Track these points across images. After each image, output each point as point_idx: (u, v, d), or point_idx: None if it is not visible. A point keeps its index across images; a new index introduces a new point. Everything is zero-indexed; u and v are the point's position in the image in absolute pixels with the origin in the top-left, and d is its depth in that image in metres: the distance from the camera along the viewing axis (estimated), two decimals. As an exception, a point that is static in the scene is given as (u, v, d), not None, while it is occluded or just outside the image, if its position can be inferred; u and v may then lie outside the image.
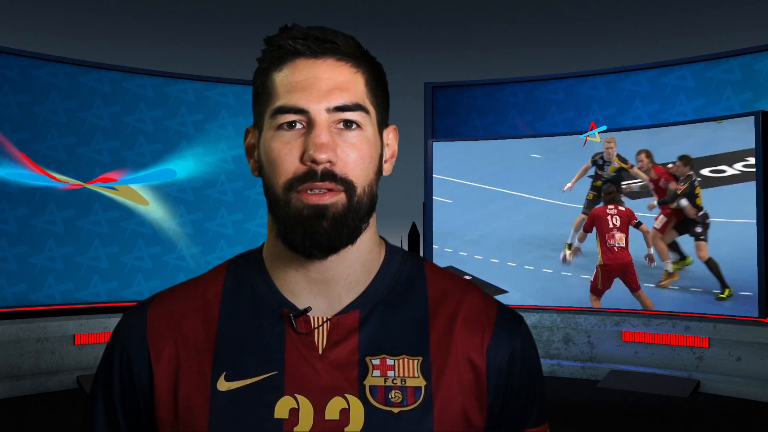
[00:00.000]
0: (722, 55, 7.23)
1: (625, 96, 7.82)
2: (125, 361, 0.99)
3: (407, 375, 0.95)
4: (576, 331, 7.46)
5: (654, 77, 7.65)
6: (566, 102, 8.20)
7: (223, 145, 7.94)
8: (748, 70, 7.04)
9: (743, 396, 6.26)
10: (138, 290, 7.40)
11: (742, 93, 7.09)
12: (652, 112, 7.62)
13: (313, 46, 0.94)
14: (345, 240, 0.94)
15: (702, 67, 7.31)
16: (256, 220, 8.10)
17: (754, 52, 6.99)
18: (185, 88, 7.79)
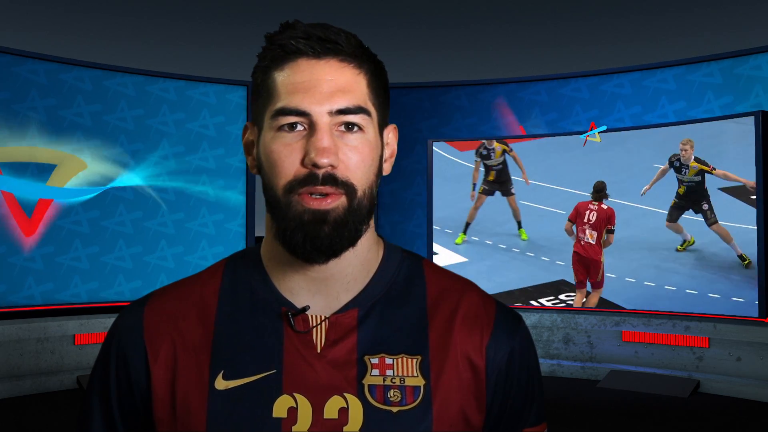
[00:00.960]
0: (703, 59, 7.36)
1: (607, 98, 7.93)
2: (122, 360, 0.99)
3: (406, 374, 0.95)
4: (576, 331, 7.46)
5: (636, 80, 7.76)
6: (549, 103, 8.29)
7: (204, 145, 7.87)
8: (728, 73, 7.18)
9: (743, 396, 6.26)
10: (119, 290, 7.33)
11: (722, 96, 7.23)
12: (634, 114, 7.73)
13: (315, 46, 0.93)
14: (346, 243, 0.94)
15: (683, 71, 7.46)
16: (237, 220, 8.03)
17: (735, 57, 7.14)
18: (167, 86, 7.71)
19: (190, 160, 7.78)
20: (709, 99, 7.27)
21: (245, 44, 12.43)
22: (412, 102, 8.78)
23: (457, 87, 8.81)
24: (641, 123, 7.59)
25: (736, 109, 7.01)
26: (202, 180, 7.87)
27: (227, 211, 8.00)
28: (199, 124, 7.88)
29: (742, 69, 7.06)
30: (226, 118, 8.04)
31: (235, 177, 8.09)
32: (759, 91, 6.95)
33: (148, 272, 7.52)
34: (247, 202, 8.11)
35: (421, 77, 9.87)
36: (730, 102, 7.12)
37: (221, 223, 7.97)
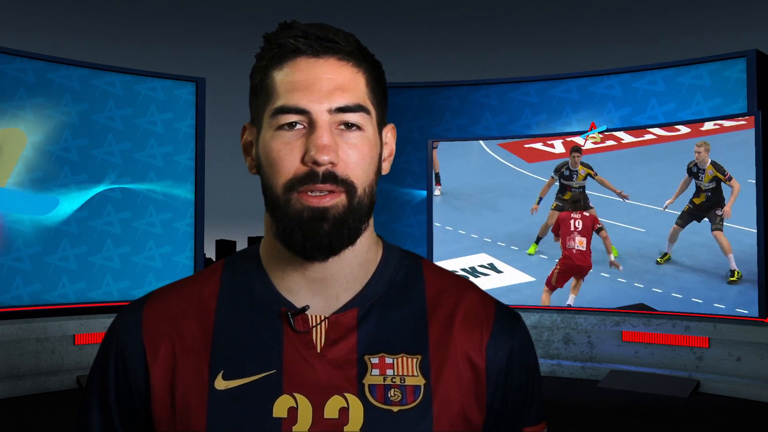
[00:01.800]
0: (692, 62, 7.54)
1: (597, 99, 8.04)
2: (120, 359, 0.99)
3: (406, 373, 0.95)
4: (576, 331, 7.46)
5: (626, 81, 7.89)
6: (540, 105, 8.35)
7: (152, 142, 7.66)
8: (718, 76, 7.36)
9: (743, 396, 6.26)
10: (63, 293, 7.06)
11: (711, 98, 7.41)
12: (624, 115, 7.86)
13: (314, 45, 0.93)
14: (345, 241, 0.94)
15: (673, 73, 7.63)
16: (185, 219, 7.85)
17: (724, 59, 7.31)
18: (113, 81, 7.49)
19: (137, 158, 7.57)
20: (698, 101, 7.45)
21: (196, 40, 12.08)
22: (401, 101, 8.78)
23: (447, 87, 8.86)
24: (630, 124, 7.69)
25: (725, 111, 7.17)
26: (149, 178, 7.65)
27: (175, 211, 7.79)
28: (147, 121, 7.66)
29: (730, 72, 7.26)
30: (174, 115, 7.81)
31: (184, 175, 7.87)
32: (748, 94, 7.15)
33: (93, 273, 7.26)
34: (196, 201, 7.90)
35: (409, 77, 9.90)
36: (718, 104, 7.30)
37: (169, 223, 7.76)
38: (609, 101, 7.93)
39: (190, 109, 7.95)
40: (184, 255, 7.89)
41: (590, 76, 8.12)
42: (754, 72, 7.09)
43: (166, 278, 7.62)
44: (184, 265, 7.87)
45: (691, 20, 10.27)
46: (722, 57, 7.33)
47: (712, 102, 7.38)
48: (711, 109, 7.35)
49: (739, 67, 7.21)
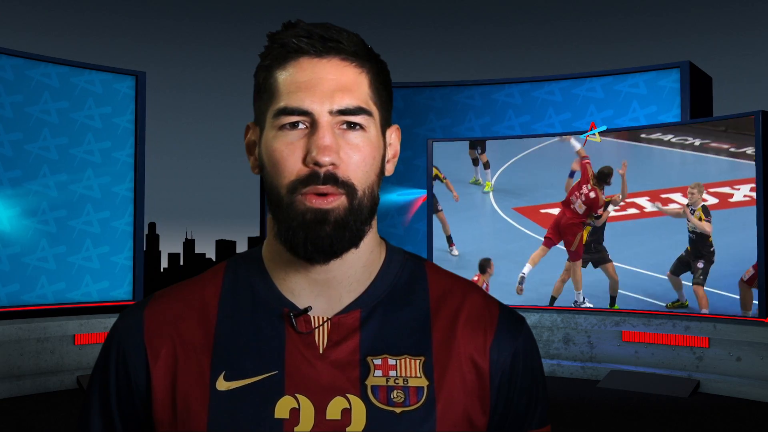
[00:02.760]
0: (629, 71, 8.01)
1: (539, 104, 8.35)
2: (122, 361, 0.99)
3: (409, 375, 0.94)
4: (576, 331, 7.46)
5: (566, 88, 8.26)
6: (483, 108, 8.61)
7: (90, 137, 7.38)
8: (653, 85, 7.82)
9: (743, 396, 6.26)
10: None
11: (647, 106, 7.88)
12: (564, 120, 8.24)
13: (317, 45, 0.93)
14: (347, 244, 0.94)
15: (611, 81, 8.08)
16: (124, 218, 7.59)
17: (659, 69, 7.82)
18: (48, 72, 7.19)
19: (74, 153, 7.28)
20: (635, 108, 7.90)
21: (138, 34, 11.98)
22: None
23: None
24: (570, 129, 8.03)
25: (660, 118, 7.65)
26: (86, 175, 7.34)
27: (114, 209, 7.52)
28: (84, 115, 7.36)
29: (665, 81, 7.75)
30: (113, 109, 7.55)
31: (123, 172, 7.58)
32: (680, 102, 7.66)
33: (27, 275, 6.99)
34: (135, 198, 7.63)
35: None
36: (654, 111, 7.77)
37: (107, 222, 7.49)
38: (550, 106, 8.30)
39: (130, 104, 7.66)
40: (123, 255, 7.59)
41: (532, 81, 8.47)
42: (687, 82, 7.62)
43: (103, 279, 7.37)
44: (122, 266, 7.56)
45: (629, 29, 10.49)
46: (657, 67, 7.85)
47: (648, 110, 7.85)
48: (647, 116, 7.80)
49: (673, 77, 7.74)
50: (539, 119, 8.37)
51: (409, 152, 8.74)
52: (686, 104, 7.63)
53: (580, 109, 8.18)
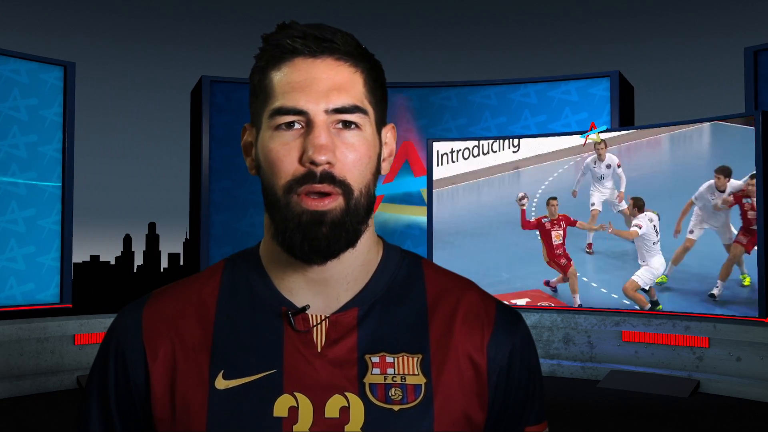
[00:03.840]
0: (562, 78, 8.47)
1: (476, 107, 8.70)
2: (120, 360, 0.99)
3: (407, 372, 0.95)
4: (576, 331, 7.46)
5: (502, 92, 8.69)
6: (421, 110, 8.87)
7: (14, 130, 7.00)
8: (584, 92, 8.31)
9: (743, 396, 6.26)
10: None
11: (579, 113, 8.34)
12: (500, 124, 8.64)
13: (311, 45, 0.94)
14: (344, 244, 0.94)
15: (544, 87, 8.52)
16: (51, 216, 7.21)
17: (590, 78, 8.32)
18: None
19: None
20: (567, 114, 8.37)
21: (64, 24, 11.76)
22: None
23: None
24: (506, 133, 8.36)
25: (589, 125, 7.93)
26: (11, 170, 6.95)
27: (40, 207, 7.13)
28: (9, 106, 6.95)
29: (596, 89, 8.26)
30: (39, 101, 7.12)
31: (50, 168, 7.22)
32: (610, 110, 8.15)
33: None
34: (63, 196, 7.26)
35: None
36: (585, 118, 8.21)
37: (33, 220, 7.10)
38: (486, 110, 8.67)
39: (58, 96, 7.28)
40: (50, 256, 7.23)
41: (470, 85, 8.79)
42: (617, 91, 8.13)
43: (29, 281, 7.08)
44: (49, 267, 7.20)
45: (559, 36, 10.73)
46: (589, 75, 8.34)
47: (580, 116, 8.30)
48: (578, 122, 8.23)
49: (604, 85, 8.25)
50: (476, 122, 8.73)
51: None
52: (615, 112, 8.14)
53: (514, 114, 8.59)
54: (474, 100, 8.73)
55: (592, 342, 7.39)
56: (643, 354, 7.08)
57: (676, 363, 6.88)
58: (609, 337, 7.30)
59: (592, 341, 7.39)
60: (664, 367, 6.93)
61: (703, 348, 6.76)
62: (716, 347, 6.70)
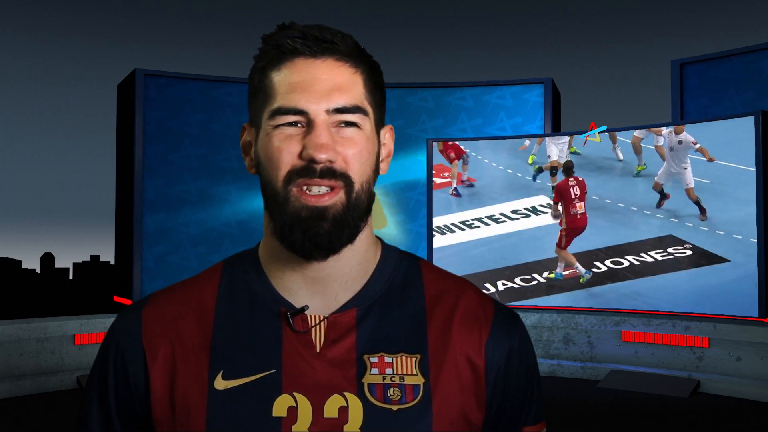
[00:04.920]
0: (497, 83, 8.79)
1: (413, 110, 8.88)
2: (120, 361, 0.99)
3: (405, 373, 0.95)
4: (576, 331, 7.46)
5: (439, 95, 8.92)
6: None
7: None
8: (519, 98, 8.67)
9: (743, 396, 6.26)
10: None
11: (513, 117, 8.71)
12: (437, 126, 8.90)
13: (312, 46, 0.94)
14: (345, 240, 0.94)
15: (480, 91, 8.82)
16: None
17: (524, 84, 8.68)
18: None
19: None
20: (502, 118, 8.70)
21: None
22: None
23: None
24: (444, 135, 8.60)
25: (525, 129, 8.47)
26: None
27: None
28: None
29: (529, 95, 8.63)
30: None
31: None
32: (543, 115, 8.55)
33: None
34: None
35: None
36: (519, 122, 8.62)
37: None
38: (423, 113, 8.89)
39: None
40: None
41: (406, 87, 8.93)
42: (550, 97, 8.48)
43: None
44: None
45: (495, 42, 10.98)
46: (523, 82, 8.67)
47: (514, 120, 8.64)
48: (513, 126, 8.58)
49: (537, 92, 8.59)
50: (412, 123, 8.87)
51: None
52: (548, 117, 8.50)
53: (451, 116, 8.80)
54: (412, 102, 8.90)
55: (592, 342, 7.39)
56: (643, 354, 7.08)
57: (676, 363, 6.88)
58: (609, 337, 7.30)
59: (592, 341, 7.39)
60: (664, 367, 6.93)
61: (703, 348, 6.76)
62: (716, 347, 6.70)
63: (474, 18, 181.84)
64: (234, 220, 8.33)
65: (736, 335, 6.55)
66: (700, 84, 7.88)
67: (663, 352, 6.97)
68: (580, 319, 7.42)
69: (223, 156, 8.33)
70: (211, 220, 8.26)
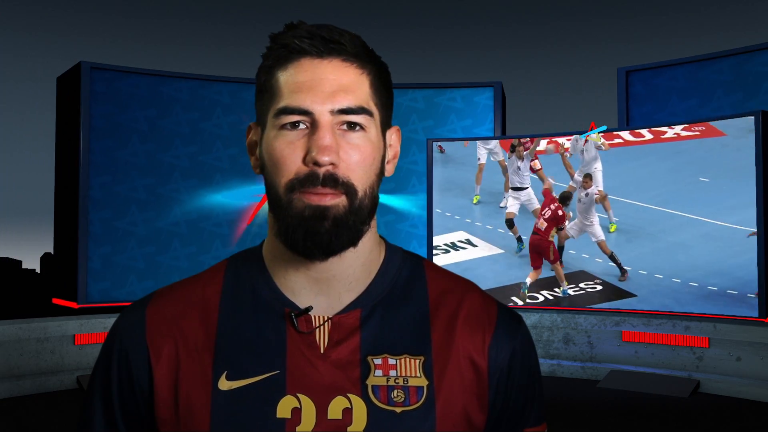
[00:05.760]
0: (447, 85, 8.95)
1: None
2: (123, 360, 0.99)
3: (409, 374, 0.95)
4: (576, 331, 7.46)
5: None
6: None
7: None
8: (469, 101, 8.87)
9: (743, 396, 6.26)
10: None
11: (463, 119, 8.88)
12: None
13: (319, 46, 0.94)
14: (346, 242, 0.94)
15: (431, 93, 8.97)
16: None
17: (474, 87, 8.87)
18: None
19: None
20: (452, 120, 8.86)
21: None
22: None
23: None
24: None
25: (474, 131, 8.69)
26: None
27: None
28: None
29: (479, 98, 8.82)
30: None
31: None
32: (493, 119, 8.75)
33: None
34: None
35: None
36: (469, 124, 8.81)
37: None
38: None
39: None
40: None
41: None
42: (500, 100, 8.72)
43: None
44: None
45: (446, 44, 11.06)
46: (474, 85, 8.84)
47: (464, 122, 8.79)
48: (463, 129, 8.74)
49: (487, 95, 8.77)
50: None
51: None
52: (499, 120, 8.69)
53: (403, 117, 8.86)
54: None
55: (592, 342, 7.39)
56: (643, 354, 7.08)
57: (676, 363, 6.88)
58: (609, 337, 7.30)
59: (592, 341, 7.39)
60: (664, 367, 6.93)
61: (703, 348, 6.76)
62: (716, 347, 6.70)
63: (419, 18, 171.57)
64: (183, 219, 7.98)
65: (736, 335, 6.55)
66: (644, 91, 8.16)
67: (663, 352, 6.97)
68: (580, 319, 7.42)
69: (173, 153, 7.97)
70: (159, 220, 7.90)
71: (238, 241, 8.22)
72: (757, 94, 7.34)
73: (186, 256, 7.86)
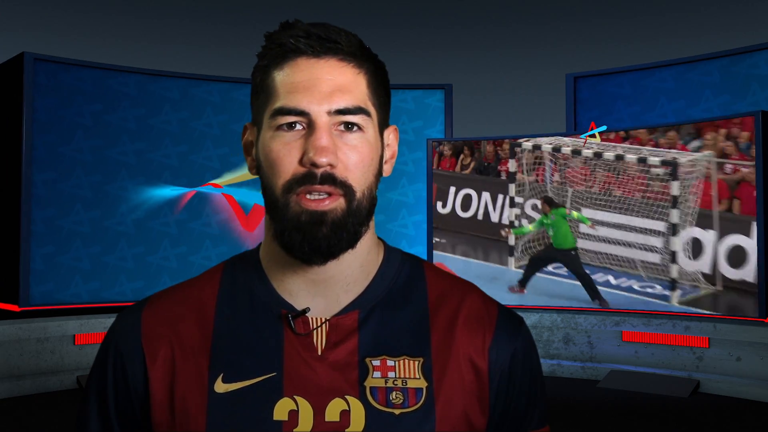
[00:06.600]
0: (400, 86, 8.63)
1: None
2: (119, 362, 0.98)
3: (408, 376, 0.94)
4: (576, 331, 7.46)
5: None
6: None
7: None
8: (420, 102, 8.87)
9: (743, 396, 6.26)
10: None
11: (414, 120, 8.83)
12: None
13: (315, 45, 0.93)
14: (345, 245, 0.93)
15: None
16: None
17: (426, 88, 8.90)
18: None
19: None
20: (404, 121, 8.88)
21: None
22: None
23: None
24: None
25: (426, 132, 8.75)
26: None
27: None
28: None
29: (431, 100, 8.88)
30: None
31: None
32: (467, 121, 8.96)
33: None
34: None
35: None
36: (420, 126, 8.86)
37: None
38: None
39: None
40: None
41: None
42: (450, 102, 8.81)
43: None
44: None
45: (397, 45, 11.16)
46: (425, 86, 8.91)
47: (415, 124, 8.83)
48: (414, 130, 8.81)
49: (438, 96, 8.85)
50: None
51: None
52: (449, 121, 8.80)
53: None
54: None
55: (592, 342, 7.38)
56: (643, 354, 7.08)
57: (676, 363, 6.87)
58: (609, 337, 7.29)
59: (592, 341, 7.38)
60: (664, 367, 6.92)
61: (703, 348, 6.75)
62: (716, 347, 6.70)
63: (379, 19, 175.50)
64: (130, 218, 7.55)
65: (736, 335, 6.54)
66: (591, 97, 8.36)
67: (663, 352, 6.97)
68: (580, 319, 7.42)
69: (119, 150, 7.55)
70: (105, 219, 7.46)
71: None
72: (745, 96, 7.37)
73: (133, 256, 7.50)
